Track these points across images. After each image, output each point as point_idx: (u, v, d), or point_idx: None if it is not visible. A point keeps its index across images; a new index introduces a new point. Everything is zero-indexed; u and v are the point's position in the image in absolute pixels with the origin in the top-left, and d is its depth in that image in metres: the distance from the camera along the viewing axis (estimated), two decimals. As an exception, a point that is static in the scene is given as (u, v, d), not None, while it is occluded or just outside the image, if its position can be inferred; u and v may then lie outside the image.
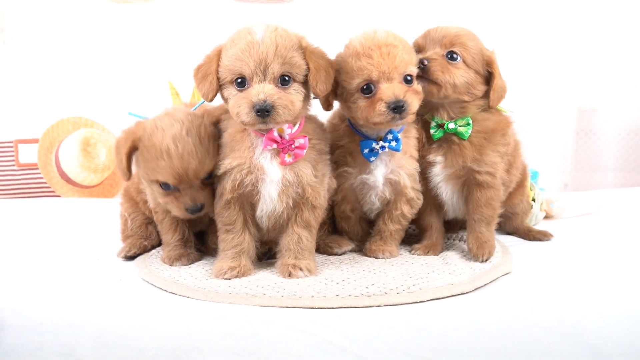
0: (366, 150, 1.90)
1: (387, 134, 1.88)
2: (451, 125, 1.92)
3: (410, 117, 1.81)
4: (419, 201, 2.01)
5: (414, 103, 1.79)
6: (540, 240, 2.28)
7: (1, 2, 3.31)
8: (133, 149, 1.81)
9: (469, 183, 1.99)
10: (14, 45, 3.37)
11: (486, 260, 1.91)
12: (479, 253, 1.93)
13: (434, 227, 2.09)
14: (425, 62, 1.84)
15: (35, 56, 3.39)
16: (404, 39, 1.86)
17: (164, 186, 1.82)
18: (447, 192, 2.02)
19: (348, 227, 2.08)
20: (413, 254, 2.04)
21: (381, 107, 1.75)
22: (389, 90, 1.75)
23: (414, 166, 1.96)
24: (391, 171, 1.93)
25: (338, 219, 2.09)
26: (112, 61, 3.29)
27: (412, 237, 2.20)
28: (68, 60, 3.40)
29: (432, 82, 1.86)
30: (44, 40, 3.39)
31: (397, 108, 1.74)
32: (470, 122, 1.93)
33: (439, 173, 1.98)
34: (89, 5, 3.34)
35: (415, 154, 1.97)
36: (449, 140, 1.95)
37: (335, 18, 3.37)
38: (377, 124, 1.81)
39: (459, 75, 1.86)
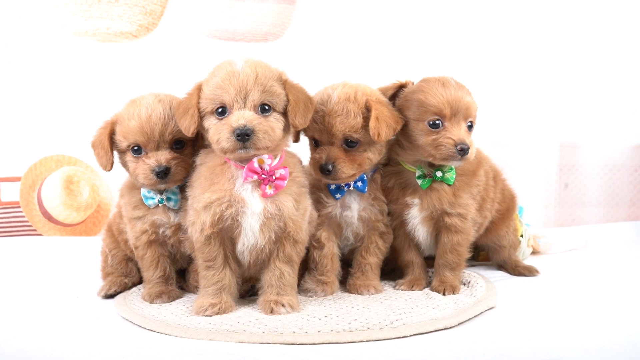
0: (332, 187, 1.97)
1: None
2: (439, 174, 1.96)
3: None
4: (390, 236, 2.07)
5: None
6: (525, 275, 2.28)
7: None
8: (112, 131, 1.91)
9: (438, 225, 2.02)
10: (-3, 84, 3.38)
11: (445, 294, 1.93)
12: (438, 289, 1.97)
13: (415, 262, 2.10)
14: (466, 148, 1.86)
15: (19, 94, 3.39)
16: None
17: (135, 151, 1.88)
18: (422, 233, 2.05)
19: (319, 258, 2.01)
20: (397, 289, 2.03)
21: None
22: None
23: (382, 204, 2.03)
24: (363, 208, 2.00)
25: (311, 250, 2.02)
26: (95, 99, 3.30)
27: (396, 273, 2.18)
28: (51, 98, 3.41)
29: (465, 161, 1.90)
30: (28, 79, 3.40)
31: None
32: (453, 167, 1.97)
33: (416, 215, 2.01)
34: (73, 44, 3.35)
35: (381, 195, 2.03)
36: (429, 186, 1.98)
37: (318, 57, 3.41)
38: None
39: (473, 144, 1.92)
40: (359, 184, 1.96)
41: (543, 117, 3.44)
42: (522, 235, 2.50)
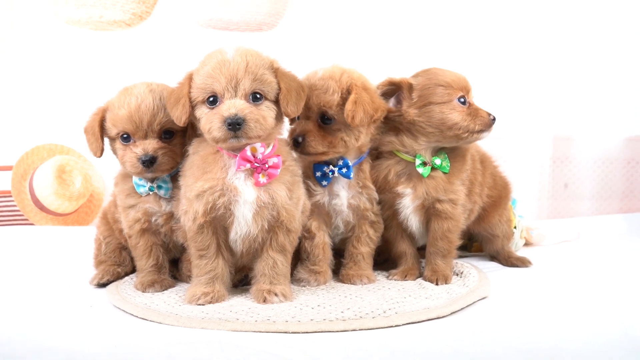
0: (318, 174, 1.97)
1: (338, 160, 1.96)
2: (437, 162, 1.99)
3: None
4: (380, 225, 2.06)
5: None
6: (518, 266, 2.29)
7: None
8: (103, 118, 1.92)
9: (429, 213, 2.04)
10: (-11, 72, 3.35)
11: (438, 284, 1.96)
12: (431, 278, 2.00)
13: (408, 252, 2.11)
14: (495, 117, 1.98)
15: (10, 83, 3.37)
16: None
17: (124, 139, 1.89)
18: (415, 222, 2.06)
19: (310, 248, 2.01)
20: (390, 279, 2.04)
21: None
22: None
23: (374, 194, 2.02)
24: (352, 196, 1.99)
25: (302, 240, 2.01)
26: (88, 88, 3.27)
27: (389, 264, 2.18)
28: (44, 87, 3.38)
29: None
30: (20, 67, 3.38)
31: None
32: (447, 155, 2.01)
33: (408, 205, 2.02)
34: (66, 33, 3.33)
35: (370, 184, 2.02)
36: (417, 174, 1.99)
37: (313, 47, 3.40)
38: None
39: None
40: (344, 170, 1.95)
41: (536, 110, 3.44)
42: (515, 227, 2.51)
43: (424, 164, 1.99)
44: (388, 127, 2.03)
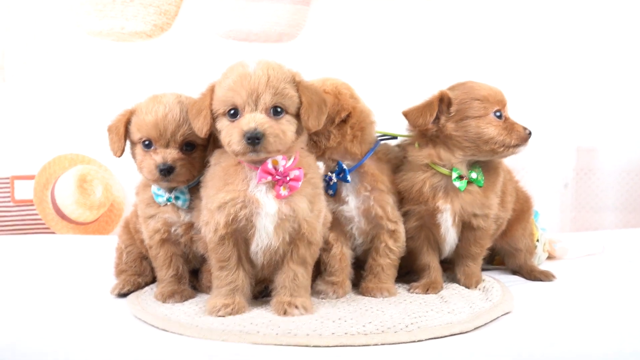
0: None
1: (334, 166, 1.97)
2: (473, 175, 2.00)
3: None
4: (400, 234, 2.02)
5: None
6: (541, 280, 2.25)
7: (2, 41, 3.33)
8: (129, 120, 1.93)
9: (464, 226, 2.06)
10: (13, 82, 3.38)
11: (476, 287, 2.04)
12: (467, 283, 2.07)
13: (432, 266, 2.09)
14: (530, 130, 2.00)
15: (34, 93, 3.41)
16: None
17: (145, 145, 1.90)
18: (453, 236, 2.08)
19: (327, 259, 2.00)
20: (412, 293, 2.01)
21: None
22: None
23: (389, 199, 1.99)
24: (362, 201, 1.97)
25: (321, 253, 1.98)
26: (109, 99, 3.29)
27: (410, 277, 2.16)
28: (66, 97, 3.42)
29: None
30: (42, 78, 3.41)
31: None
32: (481, 169, 2.02)
33: (447, 219, 2.03)
34: (88, 43, 3.36)
35: (387, 188, 1.99)
36: (455, 188, 2.00)
37: (333, 58, 3.39)
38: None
39: None
40: (341, 174, 1.96)
41: (560, 121, 3.40)
42: (537, 240, 2.47)
43: (461, 177, 1.99)
44: (425, 140, 2.03)
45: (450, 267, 2.22)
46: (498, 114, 1.96)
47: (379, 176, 1.99)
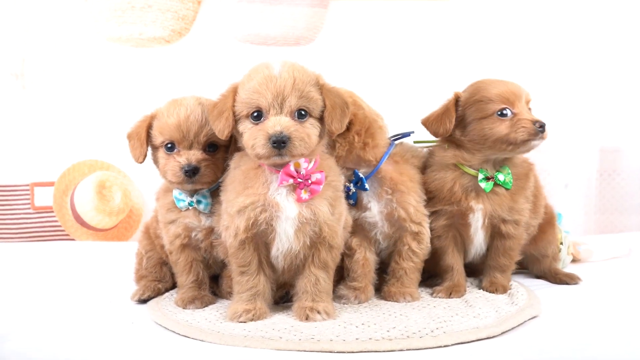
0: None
1: (351, 175, 1.96)
2: (501, 177, 1.97)
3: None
4: (424, 236, 1.98)
5: None
6: (567, 283, 2.21)
7: (22, 48, 3.36)
8: (150, 125, 1.92)
9: (493, 232, 2.03)
10: (33, 89, 3.41)
11: (497, 293, 1.99)
12: (491, 289, 2.02)
13: (456, 269, 2.06)
14: (545, 123, 1.91)
15: (53, 100, 3.43)
16: None
17: (168, 148, 1.90)
18: (481, 237, 2.05)
19: (350, 265, 1.98)
20: (435, 297, 1.99)
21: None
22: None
23: (411, 200, 1.95)
24: (384, 205, 1.95)
25: (344, 258, 1.99)
26: (129, 105, 3.30)
27: (433, 281, 2.13)
28: (84, 104, 3.43)
29: (543, 139, 1.92)
30: (61, 84, 3.43)
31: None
32: (510, 171, 1.98)
33: (479, 219, 2.00)
34: (106, 49, 3.37)
35: (408, 189, 1.96)
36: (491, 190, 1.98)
37: (351, 61, 3.38)
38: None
39: None
40: (358, 183, 1.94)
41: (583, 121, 3.35)
42: (561, 243, 2.43)
43: (487, 178, 1.97)
44: (451, 141, 2.03)
45: (472, 273, 2.20)
46: (502, 112, 1.91)
47: (398, 178, 1.96)
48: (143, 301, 2.02)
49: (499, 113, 1.91)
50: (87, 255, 2.89)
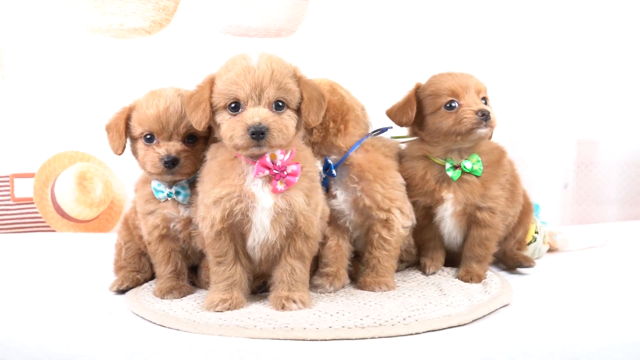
0: None
1: (322, 162, 2.00)
2: (468, 165, 2.01)
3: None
4: (396, 223, 1.98)
5: None
6: (521, 265, 2.24)
7: (0, 39, 3.34)
8: (129, 117, 1.92)
9: (469, 220, 2.07)
10: (12, 80, 3.39)
11: (471, 282, 2.02)
12: (466, 278, 2.04)
13: (438, 245, 2.18)
14: (487, 113, 1.94)
15: (33, 91, 3.41)
16: None
17: (147, 139, 1.90)
18: (449, 226, 2.10)
19: (322, 251, 2.00)
20: (429, 274, 2.11)
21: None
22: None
23: (378, 187, 1.97)
24: (350, 194, 1.98)
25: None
26: (109, 95, 3.29)
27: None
28: (65, 95, 3.42)
29: (491, 128, 1.98)
30: (41, 75, 3.41)
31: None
32: (479, 158, 2.01)
33: (447, 208, 2.05)
34: (86, 40, 3.36)
35: (375, 177, 1.97)
36: (460, 178, 2.02)
37: (332, 53, 3.39)
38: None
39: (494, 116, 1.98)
40: (327, 170, 1.99)
41: (560, 114, 3.39)
42: (536, 232, 2.46)
43: (454, 167, 2.01)
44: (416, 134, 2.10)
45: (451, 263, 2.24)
46: (449, 105, 1.97)
47: (365, 165, 1.98)
48: (122, 292, 2.03)
49: (447, 106, 1.97)
50: (68, 247, 2.89)
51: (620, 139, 3.47)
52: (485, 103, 2.00)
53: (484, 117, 1.92)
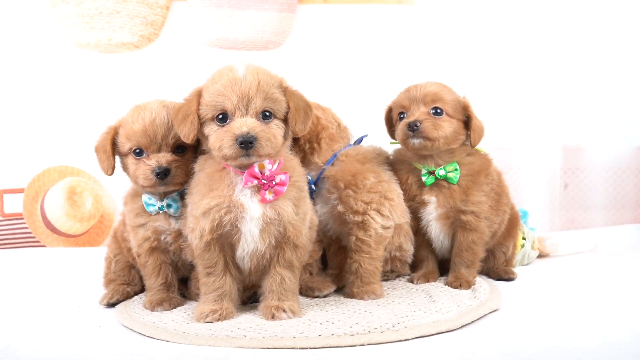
0: None
1: None
2: (441, 172, 2.06)
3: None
4: (373, 223, 1.99)
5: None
6: (501, 278, 2.26)
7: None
8: (115, 136, 1.93)
9: (455, 225, 2.11)
10: (1, 96, 3.38)
11: (460, 288, 2.05)
12: (455, 284, 2.06)
13: (430, 257, 2.20)
14: (418, 124, 2.00)
15: (22, 106, 3.41)
16: None
17: (137, 153, 1.90)
18: (435, 230, 2.13)
19: (328, 256, 2.15)
20: (416, 284, 2.11)
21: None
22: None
23: (349, 192, 2.00)
24: (329, 206, 2.05)
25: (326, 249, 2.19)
26: (98, 110, 3.29)
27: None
28: (54, 110, 3.41)
29: (427, 139, 2.01)
30: (31, 91, 3.41)
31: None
32: (458, 167, 2.06)
33: (431, 212, 2.10)
34: (75, 56, 3.36)
35: (348, 183, 2.01)
36: (439, 183, 2.07)
37: (319, 65, 3.41)
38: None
39: (446, 128, 2.02)
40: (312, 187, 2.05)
41: (546, 120, 3.42)
42: (524, 238, 2.48)
43: (429, 173, 2.07)
44: None
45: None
46: (401, 117, 2.09)
47: (339, 175, 2.02)
48: (112, 305, 2.03)
49: (400, 118, 2.11)
50: (58, 262, 2.88)
51: (606, 144, 3.50)
52: (438, 113, 2.03)
53: (411, 128, 2.00)
